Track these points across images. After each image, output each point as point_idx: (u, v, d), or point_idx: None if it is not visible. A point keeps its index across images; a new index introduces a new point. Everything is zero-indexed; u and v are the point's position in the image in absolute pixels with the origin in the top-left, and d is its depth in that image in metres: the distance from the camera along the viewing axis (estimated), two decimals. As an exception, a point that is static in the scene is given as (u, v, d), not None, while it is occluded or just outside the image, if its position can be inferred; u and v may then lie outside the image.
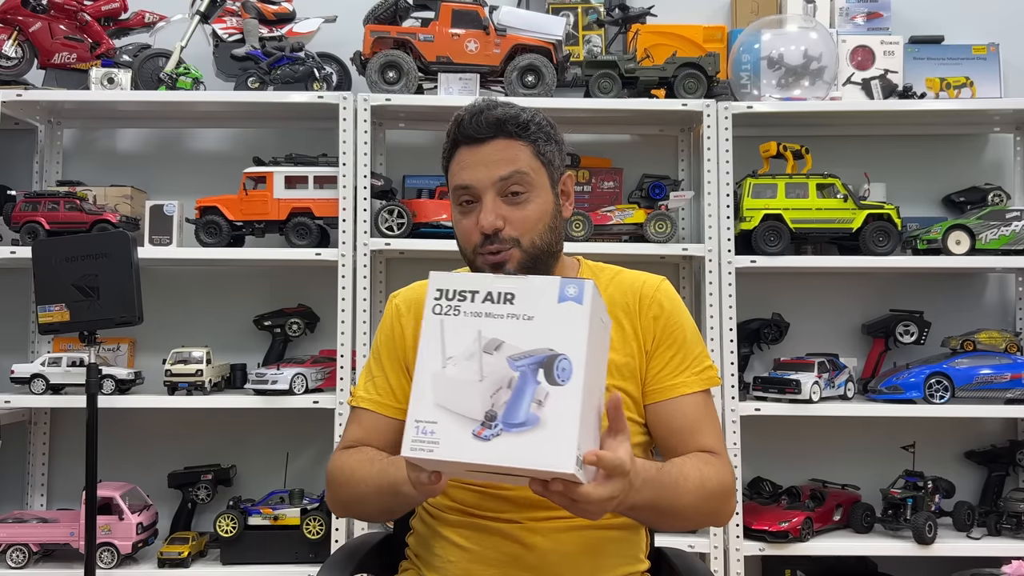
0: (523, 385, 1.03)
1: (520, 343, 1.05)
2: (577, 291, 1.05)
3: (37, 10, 2.70)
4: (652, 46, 2.82)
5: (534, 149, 1.38)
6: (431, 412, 1.04)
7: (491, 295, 1.07)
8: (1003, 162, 2.95)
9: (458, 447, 1.02)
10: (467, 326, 1.06)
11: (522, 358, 1.04)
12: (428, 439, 1.03)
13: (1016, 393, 2.59)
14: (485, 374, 1.04)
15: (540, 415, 1.02)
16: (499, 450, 1.01)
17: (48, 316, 2.09)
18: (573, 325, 1.04)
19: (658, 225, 2.62)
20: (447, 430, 1.03)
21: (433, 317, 1.08)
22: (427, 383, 1.05)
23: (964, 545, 2.56)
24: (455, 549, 1.40)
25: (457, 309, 1.07)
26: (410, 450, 1.03)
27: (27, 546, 2.47)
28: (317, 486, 2.72)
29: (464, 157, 1.37)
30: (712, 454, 1.39)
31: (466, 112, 1.38)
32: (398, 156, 2.91)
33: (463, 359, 1.05)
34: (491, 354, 1.05)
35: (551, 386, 1.02)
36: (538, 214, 1.37)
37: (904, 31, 2.88)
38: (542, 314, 1.05)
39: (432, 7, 2.69)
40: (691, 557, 1.56)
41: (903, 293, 2.87)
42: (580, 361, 1.03)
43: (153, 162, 2.91)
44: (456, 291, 1.08)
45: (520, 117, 1.37)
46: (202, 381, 2.52)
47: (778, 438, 2.81)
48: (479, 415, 1.03)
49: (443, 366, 1.06)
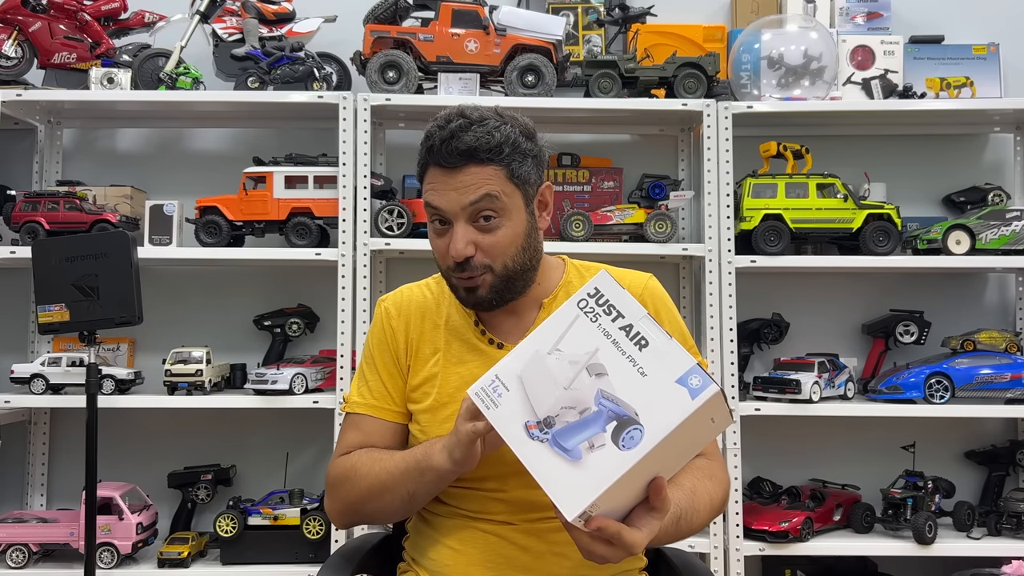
0: (591, 422, 1.04)
1: (618, 387, 1.05)
2: (700, 384, 1.02)
3: (37, 10, 2.70)
4: (652, 46, 2.82)
5: (507, 172, 1.35)
6: (512, 379, 1.08)
7: (630, 328, 1.07)
8: (1003, 162, 2.95)
9: (507, 424, 1.07)
10: (592, 337, 1.08)
11: (609, 400, 1.04)
12: (494, 397, 1.08)
13: (1016, 393, 2.59)
14: (573, 387, 1.06)
15: (584, 456, 1.03)
16: (534, 454, 1.05)
17: (48, 316, 2.09)
18: (671, 410, 1.02)
19: (658, 225, 2.62)
20: (511, 404, 1.07)
21: (574, 308, 1.10)
22: (528, 355, 1.08)
23: (964, 545, 2.56)
24: (450, 552, 1.40)
25: (596, 317, 1.09)
26: (475, 393, 1.09)
27: (27, 546, 2.47)
28: (317, 486, 2.72)
29: (435, 178, 1.37)
30: (710, 459, 1.40)
31: (438, 133, 1.35)
32: (398, 156, 2.91)
33: (567, 360, 1.08)
34: (590, 376, 1.06)
35: (611, 443, 1.02)
36: (510, 238, 1.36)
37: (904, 31, 2.88)
38: (655, 379, 1.04)
39: (432, 7, 2.69)
40: (691, 557, 1.56)
41: (903, 293, 2.87)
42: (650, 443, 1.01)
43: (153, 162, 2.91)
44: (608, 302, 1.09)
45: (491, 142, 1.33)
46: (202, 381, 2.52)
47: (778, 438, 2.82)
48: (541, 414, 1.06)
49: (549, 352, 1.08)
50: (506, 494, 1.37)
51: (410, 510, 1.42)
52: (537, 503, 1.33)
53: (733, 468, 2.51)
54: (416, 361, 1.46)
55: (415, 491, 1.34)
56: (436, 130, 1.36)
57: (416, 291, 1.53)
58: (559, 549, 1.37)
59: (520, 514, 1.38)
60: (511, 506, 1.38)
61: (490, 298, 1.39)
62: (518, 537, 1.37)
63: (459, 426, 1.20)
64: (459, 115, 1.36)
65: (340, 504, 1.43)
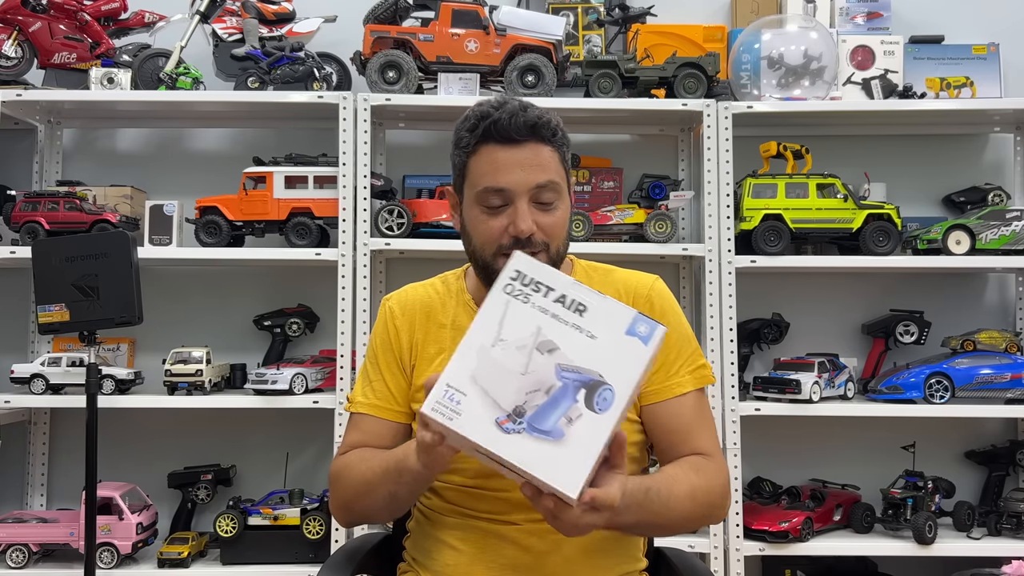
0: (561, 397, 1.03)
1: (574, 356, 1.04)
2: (648, 331, 1.05)
3: (37, 10, 2.70)
4: (652, 46, 2.82)
5: (560, 155, 1.38)
6: (464, 383, 1.04)
7: (564, 299, 1.07)
8: (1003, 162, 2.95)
9: (477, 427, 1.02)
10: (530, 318, 1.06)
11: (570, 371, 1.04)
12: (452, 406, 1.03)
13: (1016, 393, 2.59)
14: (529, 370, 1.04)
15: (566, 432, 1.02)
16: (515, 447, 1.02)
17: (48, 316, 2.09)
18: (631, 362, 1.04)
19: (658, 225, 2.62)
20: (473, 406, 1.03)
21: (501, 295, 1.08)
22: (470, 353, 1.04)
23: (964, 545, 2.56)
24: (452, 552, 1.40)
25: (527, 297, 1.07)
26: (431, 409, 1.03)
27: (27, 546, 2.47)
28: (317, 486, 2.72)
29: (498, 156, 1.34)
30: (705, 457, 1.39)
31: (498, 109, 1.34)
32: (398, 156, 2.91)
33: (513, 347, 1.05)
34: (543, 354, 1.05)
35: (587, 410, 1.02)
36: (563, 221, 1.38)
37: (904, 31, 2.88)
38: (606, 338, 1.05)
39: (432, 7, 2.69)
40: (691, 557, 1.56)
41: (903, 293, 2.87)
42: (624, 398, 1.03)
43: (153, 162, 2.91)
44: (533, 280, 1.08)
45: (551, 122, 1.36)
46: (202, 381, 2.52)
47: (778, 438, 2.81)
48: (509, 406, 1.03)
49: (492, 344, 1.05)
50: (509, 494, 1.37)
51: (395, 510, 1.41)
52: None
53: (733, 468, 2.51)
54: (420, 361, 1.46)
55: (396, 491, 1.33)
56: (491, 110, 1.34)
57: (421, 290, 1.53)
58: (563, 550, 1.37)
59: (522, 514, 1.37)
60: (514, 506, 1.37)
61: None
62: (520, 537, 1.37)
63: (418, 440, 1.16)
64: (506, 100, 1.36)
65: (336, 502, 1.44)
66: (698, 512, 1.34)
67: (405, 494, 1.34)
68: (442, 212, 2.62)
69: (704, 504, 1.34)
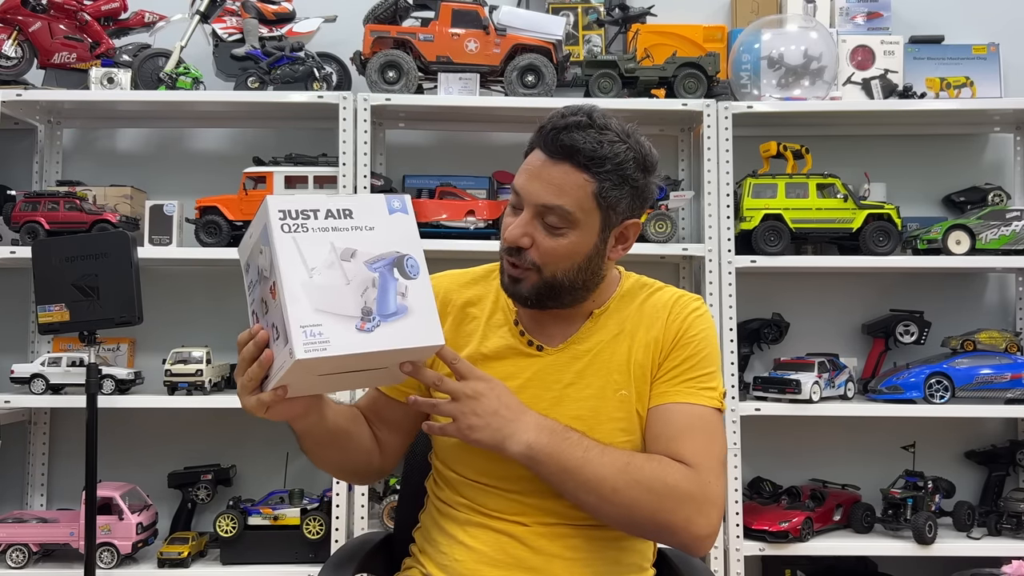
0: (385, 283, 1.17)
1: (370, 249, 1.18)
2: (401, 204, 1.22)
3: (37, 10, 2.70)
4: (652, 46, 2.82)
5: (596, 188, 1.30)
6: (313, 316, 1.12)
7: (331, 211, 1.18)
8: (1003, 162, 2.95)
9: (348, 341, 1.12)
10: (319, 240, 1.16)
11: (377, 261, 1.18)
12: (319, 340, 1.11)
13: (1016, 393, 2.59)
14: (350, 278, 1.15)
15: (407, 304, 1.17)
16: (385, 337, 1.14)
17: (48, 316, 2.08)
18: (406, 230, 1.21)
19: (658, 225, 2.62)
20: (333, 329, 1.12)
21: (284, 235, 1.15)
22: (299, 291, 1.13)
23: (964, 545, 2.56)
24: (462, 548, 1.40)
25: (305, 227, 1.16)
26: (304, 352, 1.10)
27: (27, 546, 2.47)
28: (317, 486, 2.71)
29: (532, 161, 1.34)
30: (681, 462, 1.31)
31: (554, 120, 1.32)
32: (398, 156, 2.91)
33: (325, 268, 1.15)
34: (348, 261, 1.16)
35: (407, 280, 1.18)
36: (567, 251, 1.33)
37: (904, 31, 2.88)
38: (379, 224, 1.20)
39: (432, 7, 2.69)
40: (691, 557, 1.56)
41: (903, 293, 2.87)
42: (421, 257, 1.20)
43: (153, 162, 2.91)
44: (299, 211, 1.17)
45: (597, 151, 1.29)
46: (202, 381, 2.52)
47: (778, 438, 2.82)
48: (356, 312, 1.14)
49: (309, 276, 1.14)
50: (522, 495, 1.37)
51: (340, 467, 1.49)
52: (552, 508, 1.34)
53: (733, 468, 2.52)
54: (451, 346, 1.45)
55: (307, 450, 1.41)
56: (557, 117, 1.33)
57: (465, 278, 1.53)
58: (570, 554, 1.37)
59: (534, 516, 1.38)
60: (526, 507, 1.38)
61: (528, 296, 1.37)
62: (530, 538, 1.37)
63: (254, 400, 1.21)
64: (586, 114, 1.32)
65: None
66: (633, 493, 1.26)
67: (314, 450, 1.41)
68: (442, 212, 2.62)
69: (642, 484, 1.26)
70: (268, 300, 1.17)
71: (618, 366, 1.40)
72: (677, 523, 1.28)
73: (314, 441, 1.38)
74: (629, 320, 1.43)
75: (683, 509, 1.28)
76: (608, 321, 1.43)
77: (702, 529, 1.29)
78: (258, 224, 1.19)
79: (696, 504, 1.28)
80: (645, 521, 1.29)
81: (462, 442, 1.31)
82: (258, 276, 1.21)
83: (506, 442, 1.25)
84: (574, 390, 1.40)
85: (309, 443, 1.38)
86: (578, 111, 1.32)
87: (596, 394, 1.39)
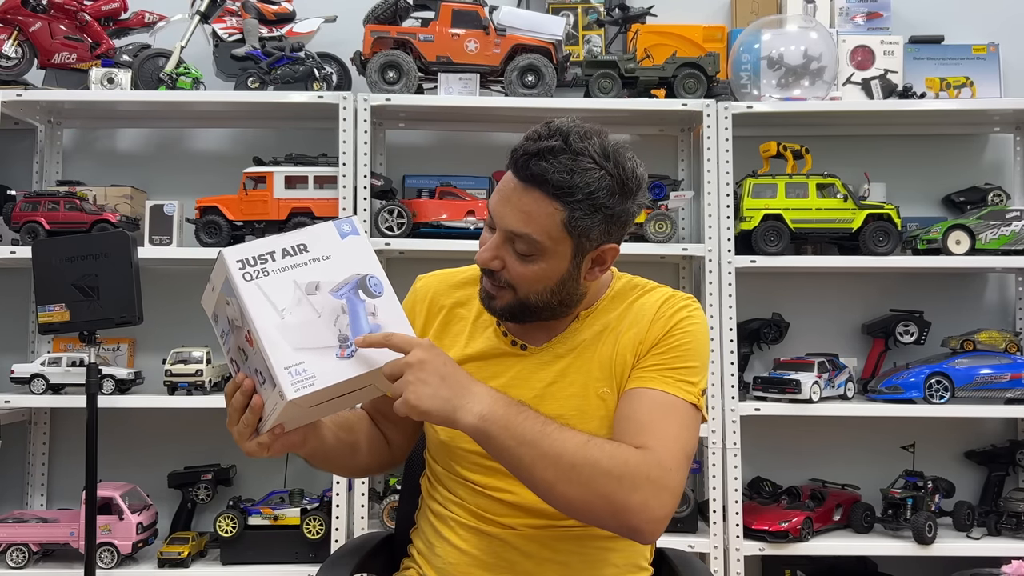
0: (354, 307, 1.20)
1: (332, 278, 1.20)
2: (351, 227, 1.25)
3: (37, 10, 2.70)
4: (652, 46, 2.82)
5: (566, 216, 1.26)
6: (294, 355, 1.14)
7: (287, 250, 1.20)
8: (1003, 162, 2.95)
9: (333, 371, 1.15)
10: (282, 280, 1.18)
11: (340, 287, 1.20)
12: (305, 377, 1.13)
13: (1016, 393, 2.59)
14: (319, 310, 1.18)
15: (379, 322, 1.20)
16: (364, 359, 1.17)
17: (48, 316, 2.08)
18: (361, 251, 1.23)
19: (658, 225, 2.62)
20: (316, 363, 1.15)
21: (248, 284, 1.16)
22: (275, 335, 1.14)
23: (964, 545, 2.56)
24: (455, 552, 1.41)
25: (265, 271, 1.18)
26: (295, 392, 1.12)
27: (27, 546, 2.47)
28: (317, 486, 2.71)
29: (505, 184, 1.30)
30: (638, 445, 1.25)
31: (527, 144, 1.27)
32: (398, 156, 2.91)
33: (294, 306, 1.17)
34: (314, 294, 1.19)
35: (373, 299, 1.21)
36: (536, 276, 1.31)
37: (904, 31, 2.88)
38: (335, 251, 1.22)
39: (432, 7, 2.69)
40: (691, 557, 1.57)
41: (903, 293, 2.87)
42: (381, 273, 1.22)
43: (153, 162, 2.91)
44: (255, 256, 1.18)
45: (567, 182, 1.24)
46: (202, 381, 2.52)
47: (778, 438, 2.82)
48: (334, 341, 1.17)
49: (281, 319, 1.16)
50: (516, 497, 1.37)
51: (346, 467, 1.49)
52: (544, 510, 1.32)
53: (733, 468, 2.52)
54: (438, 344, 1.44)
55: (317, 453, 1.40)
56: (531, 140, 1.27)
57: (455, 278, 1.53)
58: (562, 558, 1.37)
59: (526, 519, 1.38)
60: (518, 510, 1.38)
61: (502, 313, 1.37)
62: (521, 542, 1.37)
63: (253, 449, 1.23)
64: (562, 136, 1.26)
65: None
66: (593, 473, 1.20)
67: (323, 466, 1.43)
68: (442, 212, 2.62)
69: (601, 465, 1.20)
70: (246, 348, 1.18)
71: (600, 364, 1.38)
72: (633, 505, 1.20)
73: (320, 459, 1.39)
74: (616, 319, 1.41)
75: (640, 491, 1.20)
76: (595, 322, 1.42)
77: (656, 512, 1.22)
78: (218, 276, 1.20)
79: (654, 488, 1.21)
80: (601, 501, 1.21)
81: (450, 438, 1.32)
82: (229, 326, 1.21)
83: (457, 412, 1.19)
84: (556, 388, 1.39)
85: (316, 462, 1.40)
86: (554, 133, 1.26)
87: (579, 392, 1.38)
